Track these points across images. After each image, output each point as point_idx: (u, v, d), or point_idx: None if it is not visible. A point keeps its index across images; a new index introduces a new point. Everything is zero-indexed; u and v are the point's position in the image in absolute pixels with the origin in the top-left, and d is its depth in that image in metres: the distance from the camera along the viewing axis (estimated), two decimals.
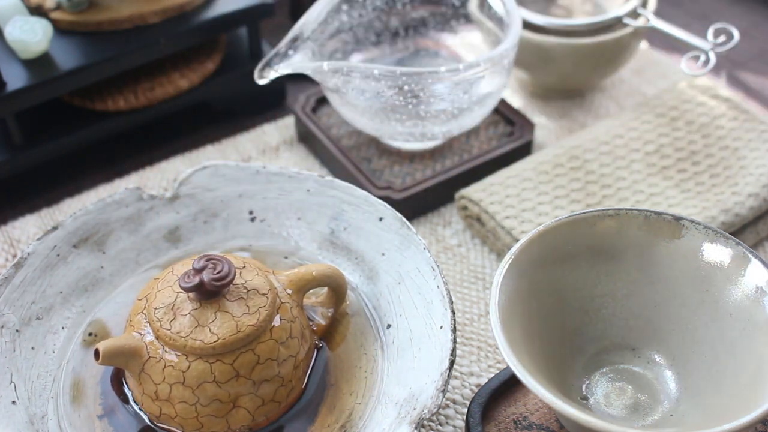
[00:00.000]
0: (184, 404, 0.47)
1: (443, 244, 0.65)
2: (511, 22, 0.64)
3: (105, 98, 0.70)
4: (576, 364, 0.50)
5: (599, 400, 0.48)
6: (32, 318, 0.53)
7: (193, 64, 0.73)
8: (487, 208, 0.63)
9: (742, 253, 0.47)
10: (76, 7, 0.68)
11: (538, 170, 0.65)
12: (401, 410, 0.47)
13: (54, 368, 0.52)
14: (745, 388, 0.44)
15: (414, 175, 0.67)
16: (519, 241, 0.48)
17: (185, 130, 0.76)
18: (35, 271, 0.54)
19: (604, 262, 0.50)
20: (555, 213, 0.62)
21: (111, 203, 0.58)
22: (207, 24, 0.70)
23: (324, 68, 0.59)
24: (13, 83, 0.64)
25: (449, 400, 0.54)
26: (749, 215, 0.62)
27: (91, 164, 0.73)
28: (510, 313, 0.45)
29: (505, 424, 0.49)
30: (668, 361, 0.49)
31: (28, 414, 0.49)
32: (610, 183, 0.64)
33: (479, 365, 0.56)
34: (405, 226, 0.54)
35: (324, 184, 0.58)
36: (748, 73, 0.82)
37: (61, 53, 0.66)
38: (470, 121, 0.65)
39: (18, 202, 0.69)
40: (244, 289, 0.49)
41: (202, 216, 0.59)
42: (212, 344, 0.47)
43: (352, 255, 0.57)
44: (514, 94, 0.78)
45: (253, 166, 0.59)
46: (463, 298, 0.61)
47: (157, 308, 0.48)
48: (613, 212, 0.50)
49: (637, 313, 0.50)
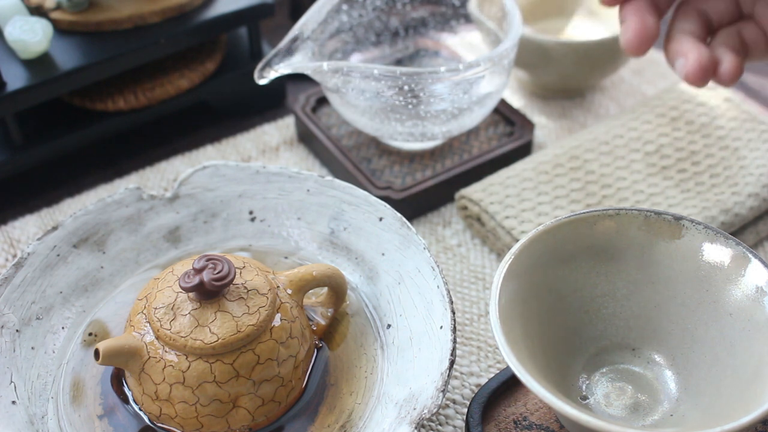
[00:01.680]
0: (184, 404, 0.47)
1: (443, 244, 0.65)
2: (511, 22, 0.64)
3: (105, 98, 0.70)
4: (576, 364, 0.50)
5: (599, 400, 0.48)
6: (32, 318, 0.53)
7: (193, 64, 0.73)
8: (487, 208, 0.63)
9: (742, 253, 0.47)
10: (76, 7, 0.68)
11: (538, 170, 0.65)
12: (401, 410, 0.47)
13: (54, 368, 0.52)
14: (745, 388, 0.44)
15: (414, 175, 0.67)
16: (519, 241, 0.48)
17: (185, 130, 0.76)
18: (35, 271, 0.54)
19: (604, 262, 0.50)
20: (555, 213, 0.62)
21: (111, 203, 0.58)
22: (207, 24, 0.70)
23: (324, 68, 0.59)
24: (13, 83, 0.64)
25: (449, 400, 0.54)
26: (749, 215, 0.62)
27: (91, 164, 0.73)
28: (510, 313, 0.45)
29: (505, 424, 0.49)
30: (668, 361, 0.49)
31: (28, 414, 0.49)
32: (610, 183, 0.64)
33: (479, 365, 0.56)
34: (405, 226, 0.55)
35: (324, 184, 0.58)
36: (748, 73, 0.82)
37: (61, 53, 0.66)
38: (470, 121, 0.65)
39: (18, 202, 0.69)
40: (244, 289, 0.49)
41: (202, 216, 0.59)
42: (212, 344, 0.47)
43: (352, 255, 0.57)
44: (514, 94, 0.78)
45: (253, 166, 0.59)
46: (463, 298, 0.61)
47: (157, 308, 0.48)
48: (613, 212, 0.50)
49: (637, 313, 0.50)
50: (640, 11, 0.55)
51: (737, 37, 0.55)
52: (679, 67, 0.53)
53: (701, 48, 0.52)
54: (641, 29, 0.54)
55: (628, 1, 0.56)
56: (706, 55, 0.52)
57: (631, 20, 0.54)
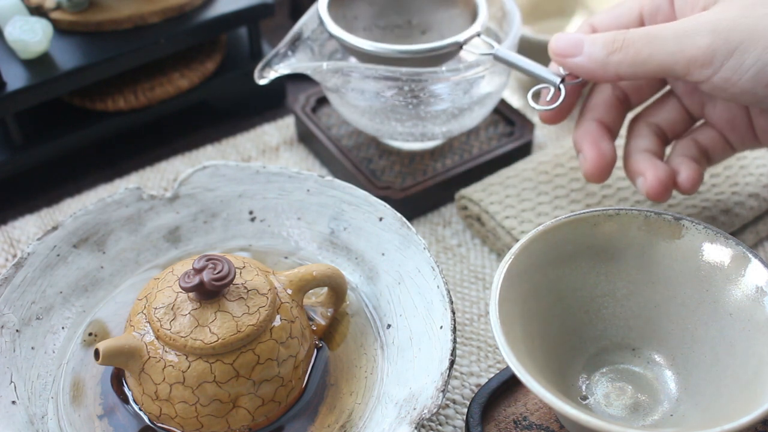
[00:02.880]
0: (184, 404, 0.47)
1: (443, 244, 0.65)
2: (511, 22, 0.64)
3: (105, 98, 0.70)
4: (576, 364, 0.50)
5: (599, 400, 0.48)
6: (32, 318, 0.53)
7: (193, 64, 0.73)
8: (487, 208, 0.63)
9: (742, 253, 0.47)
10: (76, 7, 0.68)
11: (538, 170, 0.65)
12: (401, 410, 0.47)
13: (54, 368, 0.52)
14: (745, 388, 0.44)
15: (414, 175, 0.67)
16: (519, 241, 0.48)
17: (185, 130, 0.76)
18: (35, 271, 0.54)
19: (604, 262, 0.50)
20: (555, 213, 0.62)
21: (111, 203, 0.58)
22: (207, 24, 0.70)
23: (324, 68, 0.59)
24: (13, 83, 0.64)
25: (449, 400, 0.54)
26: (749, 215, 0.62)
27: (91, 164, 0.73)
28: (510, 313, 0.45)
29: (505, 424, 0.49)
30: (668, 361, 0.49)
31: (28, 414, 0.49)
32: (610, 183, 0.64)
33: (479, 365, 0.56)
34: (405, 226, 0.55)
35: (324, 184, 0.58)
36: None
37: (61, 53, 0.66)
38: (470, 121, 0.65)
39: (18, 202, 0.69)
40: (244, 289, 0.49)
41: (202, 216, 0.59)
42: (212, 344, 0.47)
43: (352, 255, 0.57)
44: (514, 94, 0.78)
45: (253, 166, 0.59)
46: (463, 298, 0.61)
47: (157, 308, 0.48)
48: (613, 212, 0.50)
49: (637, 313, 0.50)
50: (593, 139, 0.57)
51: (694, 146, 0.57)
52: (640, 185, 0.55)
53: (657, 164, 0.55)
54: (598, 159, 0.57)
55: (579, 127, 0.58)
56: (663, 171, 0.54)
57: (587, 151, 0.57)
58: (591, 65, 0.53)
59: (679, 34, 0.49)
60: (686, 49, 0.49)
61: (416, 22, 0.68)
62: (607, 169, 0.56)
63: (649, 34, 0.51)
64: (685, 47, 0.49)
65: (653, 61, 0.50)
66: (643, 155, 0.56)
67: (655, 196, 0.55)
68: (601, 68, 0.52)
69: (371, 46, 0.60)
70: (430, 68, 0.59)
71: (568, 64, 0.54)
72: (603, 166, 0.56)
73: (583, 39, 0.53)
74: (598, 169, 0.56)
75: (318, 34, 0.64)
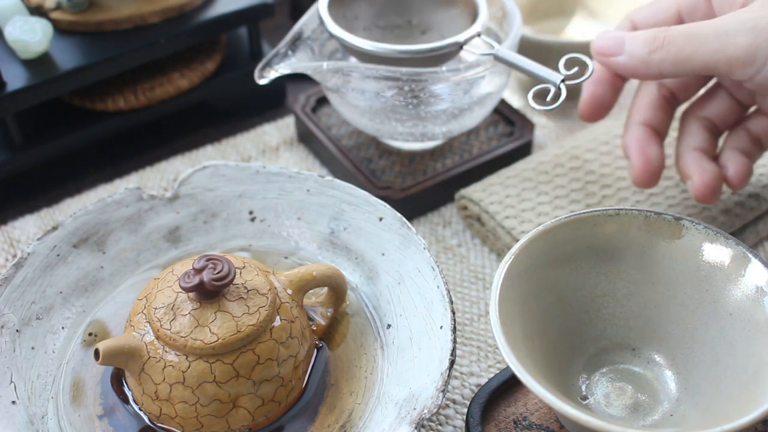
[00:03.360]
0: (184, 404, 0.47)
1: (443, 244, 0.65)
2: (511, 22, 0.64)
3: (105, 98, 0.70)
4: (576, 364, 0.50)
5: (599, 400, 0.48)
6: (32, 318, 0.53)
7: (193, 64, 0.73)
8: (487, 208, 0.63)
9: (742, 253, 0.47)
10: (76, 7, 0.68)
11: (538, 170, 0.65)
12: (401, 410, 0.47)
13: (54, 368, 0.52)
14: (745, 388, 0.44)
15: (414, 175, 0.67)
16: (519, 241, 0.48)
17: (185, 130, 0.76)
18: (35, 271, 0.54)
19: (604, 262, 0.50)
20: (555, 213, 0.62)
21: (111, 203, 0.58)
22: (207, 24, 0.70)
23: (324, 68, 0.59)
24: (13, 83, 0.64)
25: (449, 400, 0.54)
26: (749, 215, 0.62)
27: (91, 164, 0.73)
28: (510, 313, 0.45)
29: (505, 424, 0.49)
30: (668, 361, 0.49)
31: (28, 414, 0.49)
32: (610, 183, 0.64)
33: (479, 365, 0.56)
34: (405, 226, 0.55)
35: (324, 184, 0.58)
36: None
37: (61, 53, 0.66)
38: (470, 121, 0.65)
39: (18, 202, 0.69)
40: (244, 289, 0.49)
41: (202, 216, 0.59)
42: (212, 344, 0.47)
43: (352, 255, 0.57)
44: (514, 94, 0.78)
45: (253, 166, 0.59)
46: (463, 298, 0.61)
47: (157, 308, 0.48)
48: (613, 212, 0.50)
49: (637, 313, 0.50)
50: (640, 145, 0.57)
51: (745, 136, 0.57)
52: (689, 188, 0.56)
53: (705, 167, 0.55)
54: (645, 166, 0.57)
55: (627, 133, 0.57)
56: (709, 174, 0.55)
57: (634, 158, 0.57)
58: (633, 64, 0.52)
59: (719, 32, 0.49)
60: (727, 48, 0.48)
61: (416, 22, 0.68)
62: (654, 176, 0.56)
63: (689, 32, 0.50)
64: (725, 46, 0.48)
65: (695, 60, 0.50)
66: (692, 155, 0.56)
67: (703, 199, 0.55)
68: (643, 67, 0.52)
69: (371, 46, 0.60)
70: (431, 68, 0.59)
71: (610, 63, 0.53)
72: (650, 173, 0.56)
73: (624, 37, 0.53)
74: (645, 176, 0.56)
75: (318, 34, 0.64)
